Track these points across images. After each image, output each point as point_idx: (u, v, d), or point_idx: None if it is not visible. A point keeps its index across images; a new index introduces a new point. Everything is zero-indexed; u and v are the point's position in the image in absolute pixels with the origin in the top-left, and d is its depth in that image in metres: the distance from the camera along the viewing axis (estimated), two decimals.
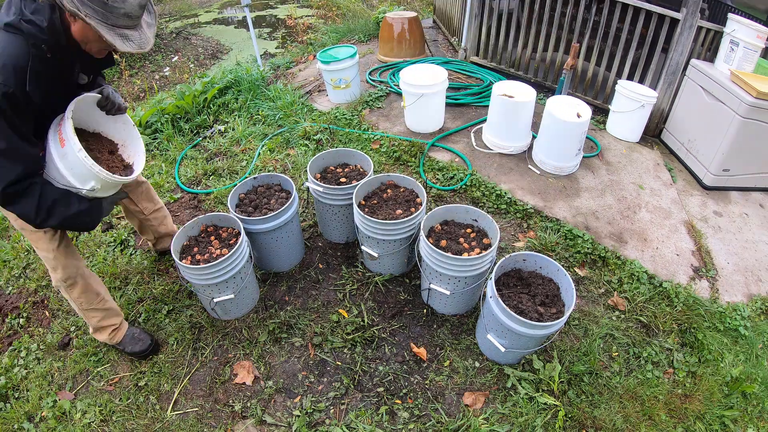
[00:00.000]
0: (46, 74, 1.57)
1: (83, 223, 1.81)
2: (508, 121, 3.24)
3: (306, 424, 1.96)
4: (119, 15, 1.49)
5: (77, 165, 1.66)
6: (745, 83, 2.97)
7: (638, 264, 2.66)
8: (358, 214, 2.31)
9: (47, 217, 1.68)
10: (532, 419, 1.96)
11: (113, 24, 1.50)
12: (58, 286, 1.98)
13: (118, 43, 1.52)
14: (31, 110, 1.57)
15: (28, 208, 1.64)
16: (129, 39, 1.55)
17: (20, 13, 1.48)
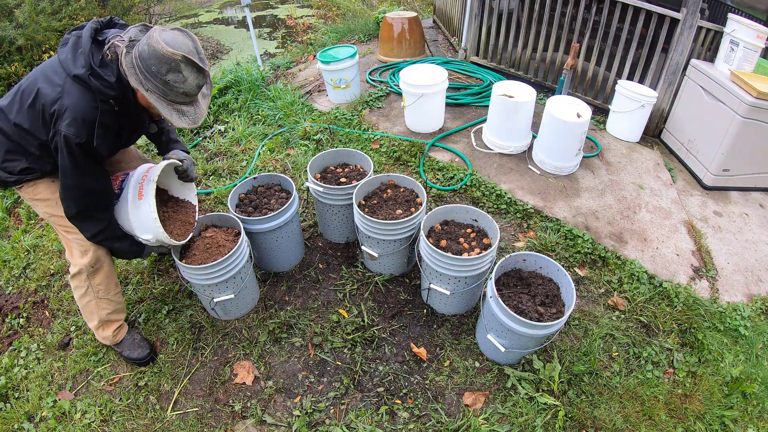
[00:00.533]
0: (113, 126, 1.68)
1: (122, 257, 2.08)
2: (508, 121, 3.24)
3: (306, 424, 1.96)
4: (178, 93, 1.60)
5: (146, 221, 1.86)
6: (745, 83, 2.97)
7: (638, 264, 2.66)
8: (358, 214, 2.31)
9: (101, 241, 1.92)
10: (532, 419, 1.96)
11: (172, 100, 1.61)
12: (82, 271, 1.99)
13: (174, 119, 1.63)
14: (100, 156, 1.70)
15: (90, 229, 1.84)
16: (185, 114, 1.66)
17: (89, 67, 1.57)
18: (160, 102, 1.59)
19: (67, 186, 1.70)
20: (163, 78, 1.55)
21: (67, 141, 1.58)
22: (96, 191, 1.78)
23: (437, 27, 5.86)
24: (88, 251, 1.96)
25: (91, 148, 1.63)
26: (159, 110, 1.60)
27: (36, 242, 3.02)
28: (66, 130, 1.57)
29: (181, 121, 1.64)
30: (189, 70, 1.57)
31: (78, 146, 1.59)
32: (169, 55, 1.51)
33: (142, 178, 1.88)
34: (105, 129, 1.63)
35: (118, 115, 1.67)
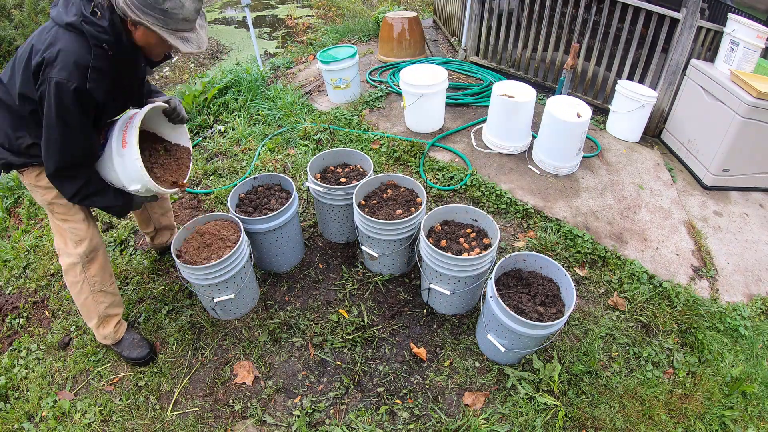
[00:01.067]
0: (108, 71, 1.64)
1: (112, 213, 1.97)
2: (508, 121, 3.24)
3: (306, 424, 1.96)
4: (178, 20, 1.59)
5: (131, 169, 1.79)
6: (745, 83, 2.97)
7: (638, 264, 2.66)
8: (358, 214, 2.31)
9: (82, 200, 1.83)
10: (532, 419, 1.96)
11: (173, 28, 1.60)
12: (77, 262, 1.97)
13: (180, 45, 1.62)
14: (93, 105, 1.66)
15: (68, 189, 1.78)
16: (188, 41, 1.65)
17: (81, 14, 1.56)
18: (164, 32, 1.58)
19: (50, 140, 1.64)
20: (160, 7, 1.54)
21: (58, 87, 1.54)
22: (80, 146, 1.70)
23: (437, 27, 5.86)
24: (83, 241, 1.95)
25: (84, 93, 1.58)
26: (166, 38, 1.58)
27: (36, 242, 3.02)
28: (57, 76, 1.53)
29: (186, 46, 1.64)
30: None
31: (72, 92, 1.55)
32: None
33: (126, 125, 1.81)
34: (99, 73, 1.60)
35: (113, 60, 1.64)
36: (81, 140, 1.69)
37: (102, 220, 3.09)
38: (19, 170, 1.85)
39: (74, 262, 1.97)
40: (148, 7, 1.53)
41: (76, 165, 1.74)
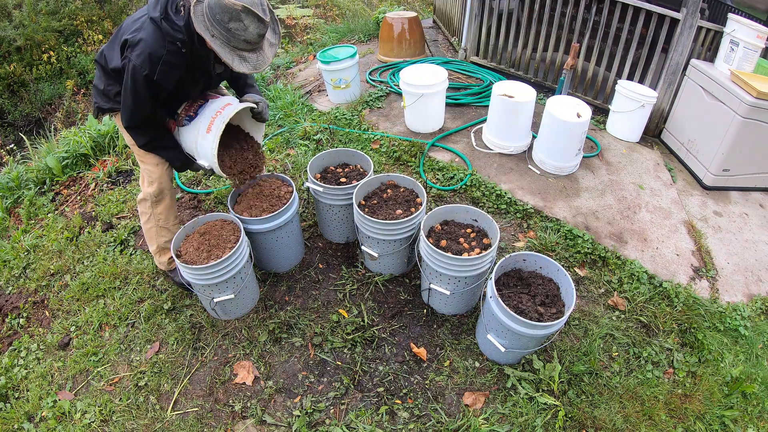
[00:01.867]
0: (179, 66, 1.85)
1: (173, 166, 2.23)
2: (508, 121, 3.24)
3: (306, 424, 1.96)
4: (240, 40, 1.75)
5: (206, 152, 2.06)
6: (745, 83, 2.97)
7: (638, 264, 2.66)
8: (358, 214, 2.31)
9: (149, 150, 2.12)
10: (532, 419, 1.96)
11: (235, 46, 1.77)
12: (147, 199, 2.25)
13: (235, 64, 1.78)
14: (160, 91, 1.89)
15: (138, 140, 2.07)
16: (246, 60, 1.81)
17: (164, 12, 1.78)
18: (223, 48, 1.75)
19: (125, 103, 1.92)
20: (225, 26, 1.71)
21: (134, 69, 1.80)
22: (144, 115, 1.97)
23: (437, 27, 5.86)
24: (154, 183, 2.22)
25: (153, 81, 1.82)
26: (220, 55, 1.74)
27: (36, 242, 3.02)
28: (135, 60, 1.79)
29: (241, 66, 1.79)
30: (249, 20, 1.71)
31: (143, 77, 1.80)
32: (230, 5, 1.67)
33: (216, 113, 2.04)
34: (169, 67, 1.82)
35: (185, 56, 1.85)
36: (146, 111, 1.95)
37: (102, 221, 3.09)
38: (110, 114, 2.15)
39: (145, 198, 2.26)
40: (216, 23, 1.71)
41: (142, 126, 2.02)
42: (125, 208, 3.16)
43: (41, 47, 6.65)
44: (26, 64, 6.59)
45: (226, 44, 1.75)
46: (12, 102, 6.43)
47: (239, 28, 1.71)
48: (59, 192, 3.53)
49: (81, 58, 6.96)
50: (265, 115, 2.21)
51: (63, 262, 2.83)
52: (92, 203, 3.28)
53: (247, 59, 1.80)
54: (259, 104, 2.17)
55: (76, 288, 2.64)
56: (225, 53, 1.75)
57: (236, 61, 1.78)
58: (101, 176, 3.48)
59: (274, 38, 1.91)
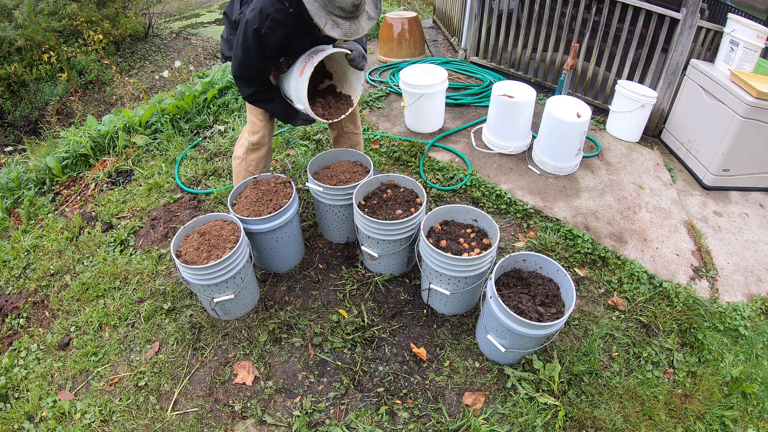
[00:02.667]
0: (285, 23, 2.00)
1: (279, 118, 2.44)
2: (508, 121, 3.24)
3: (306, 424, 1.96)
4: (335, 6, 1.86)
5: (300, 93, 2.17)
6: (745, 83, 2.97)
7: (638, 264, 2.66)
8: (358, 214, 2.31)
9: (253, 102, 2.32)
10: (532, 419, 1.96)
11: (330, 11, 1.88)
12: (245, 144, 2.51)
13: (327, 28, 1.88)
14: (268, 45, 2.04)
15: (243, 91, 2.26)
16: (338, 26, 1.90)
17: None
18: (319, 10, 1.86)
19: (235, 54, 2.11)
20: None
21: (246, 24, 1.98)
22: (251, 67, 2.14)
23: (437, 27, 5.86)
24: (256, 133, 2.46)
25: (262, 35, 1.98)
26: (312, 15, 1.84)
27: (36, 242, 3.02)
28: (248, 15, 1.97)
29: (332, 30, 1.89)
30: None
31: (253, 31, 1.97)
32: None
33: (309, 58, 2.15)
34: (276, 23, 1.97)
35: (292, 15, 1.98)
36: (254, 63, 2.12)
37: (102, 221, 3.09)
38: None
39: (243, 143, 2.52)
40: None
41: (247, 78, 2.19)
42: (125, 208, 3.16)
43: (41, 47, 6.66)
44: (26, 65, 6.60)
45: (322, 7, 1.85)
46: (12, 102, 6.43)
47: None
48: (59, 192, 3.53)
49: (81, 58, 6.96)
50: (358, 62, 2.27)
51: (63, 262, 2.83)
52: (92, 203, 3.28)
53: (340, 25, 1.89)
54: (354, 51, 2.24)
55: (76, 288, 2.64)
56: (319, 15, 1.85)
57: (329, 25, 1.87)
58: (101, 176, 3.48)
59: (374, 12, 2.00)
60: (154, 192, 3.26)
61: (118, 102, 6.61)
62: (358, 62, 2.28)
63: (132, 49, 7.98)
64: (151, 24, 8.57)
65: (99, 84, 6.99)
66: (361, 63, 2.29)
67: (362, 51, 2.28)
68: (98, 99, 6.74)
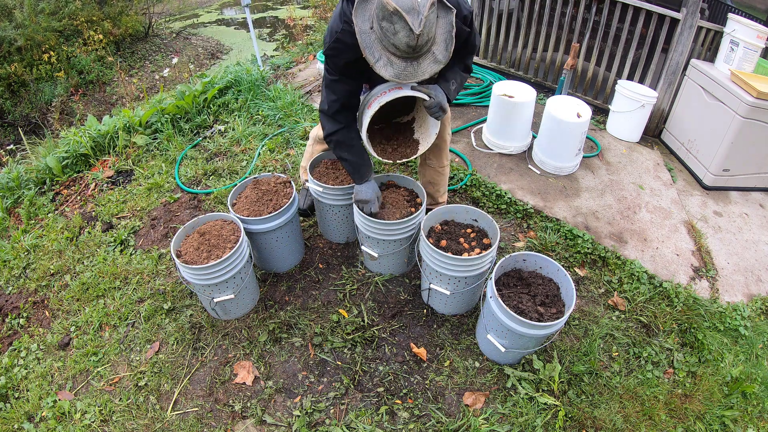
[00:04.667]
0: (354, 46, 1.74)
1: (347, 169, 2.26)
2: (508, 121, 3.24)
3: (306, 424, 1.96)
4: (389, 43, 1.65)
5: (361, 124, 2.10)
6: (745, 83, 2.97)
7: (638, 264, 2.66)
8: (358, 214, 2.31)
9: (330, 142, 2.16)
10: (532, 419, 1.96)
11: (385, 46, 1.68)
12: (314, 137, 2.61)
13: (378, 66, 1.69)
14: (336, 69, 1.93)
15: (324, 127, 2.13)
16: (391, 64, 1.69)
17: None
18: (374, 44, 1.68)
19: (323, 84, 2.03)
20: (380, 23, 1.63)
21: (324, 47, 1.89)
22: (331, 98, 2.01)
23: None
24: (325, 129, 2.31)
25: (328, 56, 1.89)
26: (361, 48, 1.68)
27: (36, 242, 3.02)
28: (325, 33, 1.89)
29: (384, 69, 1.69)
30: (400, 25, 1.58)
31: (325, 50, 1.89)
32: (385, 3, 1.56)
33: (382, 93, 2.01)
34: (340, 44, 1.82)
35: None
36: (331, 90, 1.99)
37: (102, 221, 3.09)
38: None
39: (314, 134, 2.61)
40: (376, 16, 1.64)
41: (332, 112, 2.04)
42: (125, 208, 3.16)
43: (41, 47, 6.65)
44: (26, 64, 6.59)
45: (378, 41, 1.67)
46: (12, 102, 6.43)
47: (389, 31, 1.60)
48: (59, 192, 3.53)
49: (81, 58, 6.96)
50: (434, 111, 2.02)
51: (63, 262, 2.83)
52: (92, 203, 3.28)
53: (393, 64, 1.68)
54: (432, 99, 1.98)
55: (76, 288, 2.64)
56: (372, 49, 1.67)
57: (381, 62, 1.68)
58: (101, 176, 3.48)
59: (443, 55, 1.72)
60: (154, 192, 3.26)
61: (118, 102, 6.61)
62: (434, 112, 2.02)
63: (132, 49, 7.98)
64: (152, 24, 8.58)
65: (99, 84, 6.99)
66: (438, 114, 2.03)
67: (442, 102, 1.99)
68: (98, 99, 6.74)
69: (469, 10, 1.91)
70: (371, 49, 1.68)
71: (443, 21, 1.71)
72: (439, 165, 2.54)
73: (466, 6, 1.89)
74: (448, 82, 2.06)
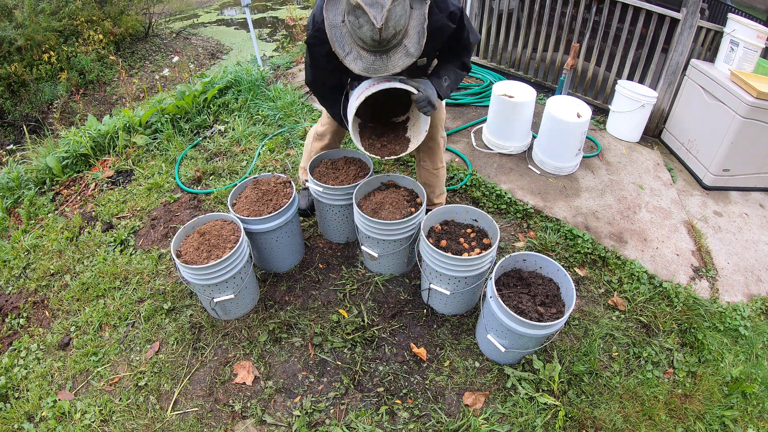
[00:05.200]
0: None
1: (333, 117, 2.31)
2: (508, 121, 3.24)
3: (306, 424, 1.96)
4: (356, 36, 1.64)
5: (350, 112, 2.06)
6: (745, 83, 2.97)
7: (638, 264, 2.66)
8: (358, 214, 2.31)
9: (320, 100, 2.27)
10: (532, 419, 1.96)
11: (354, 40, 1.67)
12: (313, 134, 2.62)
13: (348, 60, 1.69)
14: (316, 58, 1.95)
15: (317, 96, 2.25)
16: (360, 58, 1.68)
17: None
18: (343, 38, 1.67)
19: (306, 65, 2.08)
20: (347, 17, 1.61)
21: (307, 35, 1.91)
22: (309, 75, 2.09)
23: None
24: (323, 126, 2.52)
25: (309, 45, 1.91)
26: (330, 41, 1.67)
27: (36, 242, 3.02)
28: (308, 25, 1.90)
29: (354, 64, 1.68)
30: (364, 18, 1.56)
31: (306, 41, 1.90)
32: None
33: (374, 84, 1.96)
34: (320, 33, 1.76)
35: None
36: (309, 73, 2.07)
37: (102, 221, 3.09)
38: None
39: (313, 130, 2.61)
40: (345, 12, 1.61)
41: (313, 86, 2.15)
42: (125, 208, 3.16)
43: (41, 47, 6.65)
44: (26, 64, 6.59)
45: (349, 35, 1.65)
46: (12, 102, 6.43)
47: (355, 24, 1.59)
48: (59, 192, 3.53)
49: (81, 58, 6.96)
50: (421, 106, 1.96)
51: (63, 262, 2.83)
52: (92, 203, 3.28)
53: (363, 58, 1.67)
54: (420, 93, 1.92)
55: (76, 288, 2.64)
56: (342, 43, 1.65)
57: (351, 56, 1.67)
58: (101, 176, 3.48)
59: (414, 48, 1.69)
60: (154, 192, 3.26)
61: (118, 102, 6.61)
62: (422, 106, 1.96)
63: (132, 49, 7.98)
64: (152, 24, 8.58)
65: (100, 84, 6.99)
66: (426, 109, 1.97)
67: (430, 97, 1.93)
68: (99, 99, 6.74)
69: (457, 6, 1.87)
70: (341, 42, 1.67)
71: (417, 13, 1.68)
72: (434, 167, 2.54)
73: (453, 2, 1.86)
74: (441, 79, 2.05)
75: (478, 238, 2.28)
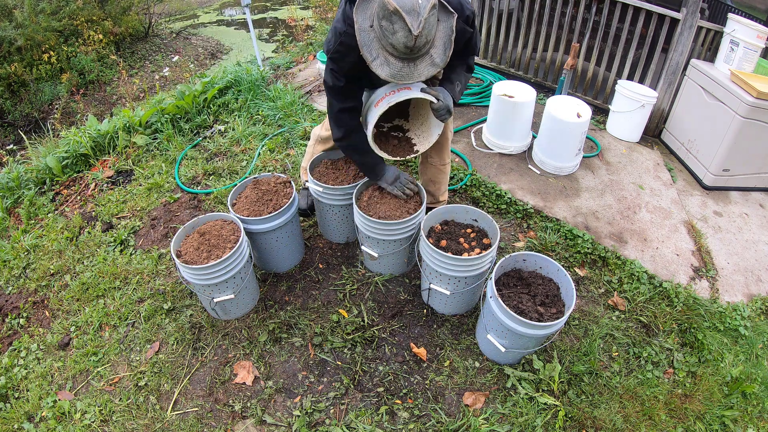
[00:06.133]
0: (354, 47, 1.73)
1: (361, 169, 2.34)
2: (508, 121, 3.24)
3: (306, 424, 1.96)
4: (387, 42, 1.64)
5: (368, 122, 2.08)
6: (745, 83, 2.97)
7: (638, 264, 2.66)
8: (358, 214, 2.31)
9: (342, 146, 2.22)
10: (532, 419, 1.96)
11: (384, 46, 1.67)
12: (317, 135, 2.60)
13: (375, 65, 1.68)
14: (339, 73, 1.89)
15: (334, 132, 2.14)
16: (388, 64, 1.68)
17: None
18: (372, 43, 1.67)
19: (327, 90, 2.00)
20: (379, 21, 1.61)
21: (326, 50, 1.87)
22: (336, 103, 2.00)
23: None
24: (328, 130, 2.43)
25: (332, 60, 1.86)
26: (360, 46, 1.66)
27: (36, 242, 3.02)
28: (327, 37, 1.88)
29: (381, 68, 1.68)
30: (400, 25, 1.57)
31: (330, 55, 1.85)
32: (386, 2, 1.55)
33: (391, 92, 1.97)
34: (344, 46, 1.79)
35: None
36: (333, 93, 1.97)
37: (102, 221, 3.09)
38: None
39: (316, 133, 2.62)
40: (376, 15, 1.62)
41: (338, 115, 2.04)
42: (125, 208, 3.16)
43: (41, 47, 6.65)
44: (27, 64, 6.59)
45: (377, 40, 1.66)
46: (12, 102, 6.43)
47: (388, 30, 1.59)
48: (59, 192, 3.53)
49: (81, 58, 6.96)
50: (440, 114, 1.99)
51: (63, 262, 2.83)
52: (92, 203, 3.28)
53: (390, 64, 1.68)
54: (440, 102, 1.97)
55: (76, 288, 2.64)
56: (370, 48, 1.66)
57: (378, 61, 1.66)
58: (101, 176, 3.48)
59: (440, 58, 1.72)
60: (154, 192, 3.26)
61: (118, 102, 6.61)
62: (441, 114, 2.00)
63: (132, 49, 7.98)
64: (152, 24, 8.58)
65: (100, 84, 6.99)
66: (444, 117, 2.01)
67: (449, 106, 1.98)
68: (99, 99, 6.74)
69: (471, 10, 1.91)
70: (369, 47, 1.67)
71: (444, 25, 1.72)
72: (441, 162, 2.54)
73: (468, 6, 1.89)
74: (453, 84, 2.07)
75: (478, 238, 2.28)
